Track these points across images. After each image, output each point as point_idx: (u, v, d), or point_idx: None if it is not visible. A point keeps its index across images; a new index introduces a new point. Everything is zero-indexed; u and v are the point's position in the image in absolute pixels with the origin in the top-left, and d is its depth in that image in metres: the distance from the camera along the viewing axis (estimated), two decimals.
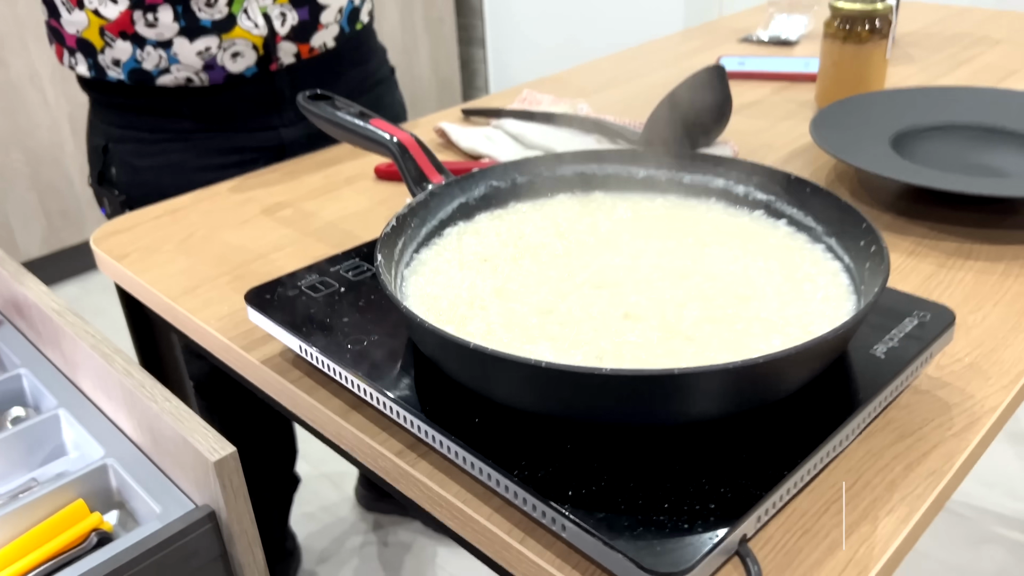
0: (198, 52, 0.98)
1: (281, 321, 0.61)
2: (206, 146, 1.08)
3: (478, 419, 0.50)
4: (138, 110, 1.06)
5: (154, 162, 1.08)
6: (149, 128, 1.07)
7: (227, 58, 1.00)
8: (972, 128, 0.91)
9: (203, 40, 0.98)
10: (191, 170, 1.07)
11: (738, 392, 0.46)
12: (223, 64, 1.00)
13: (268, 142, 1.11)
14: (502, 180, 0.70)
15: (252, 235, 0.85)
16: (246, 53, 1.01)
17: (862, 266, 0.56)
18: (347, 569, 1.62)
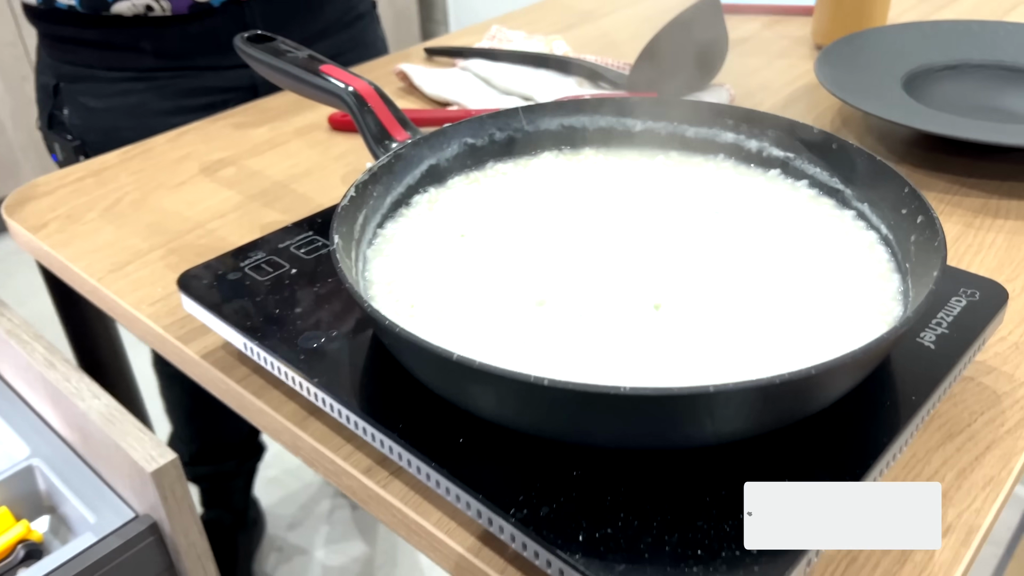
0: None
1: (221, 313, 0.51)
2: (169, 86, 0.97)
3: (463, 439, 0.41)
4: (92, 44, 0.93)
5: (111, 104, 0.96)
6: (105, 65, 0.95)
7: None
8: (989, 67, 0.83)
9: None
10: (153, 113, 0.96)
11: (782, 406, 0.38)
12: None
13: (239, 82, 0.99)
14: (478, 136, 0.60)
15: (189, 199, 0.74)
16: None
17: (905, 239, 0.48)
18: (316, 536, 1.56)
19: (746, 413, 0.37)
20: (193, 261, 0.64)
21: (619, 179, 0.58)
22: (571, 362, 0.42)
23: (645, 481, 0.39)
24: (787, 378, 0.35)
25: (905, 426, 0.41)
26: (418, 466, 0.41)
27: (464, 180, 0.59)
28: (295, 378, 0.47)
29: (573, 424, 0.39)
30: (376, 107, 0.59)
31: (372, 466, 0.47)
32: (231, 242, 0.67)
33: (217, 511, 1.38)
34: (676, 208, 0.54)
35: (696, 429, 0.38)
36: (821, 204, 0.55)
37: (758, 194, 0.56)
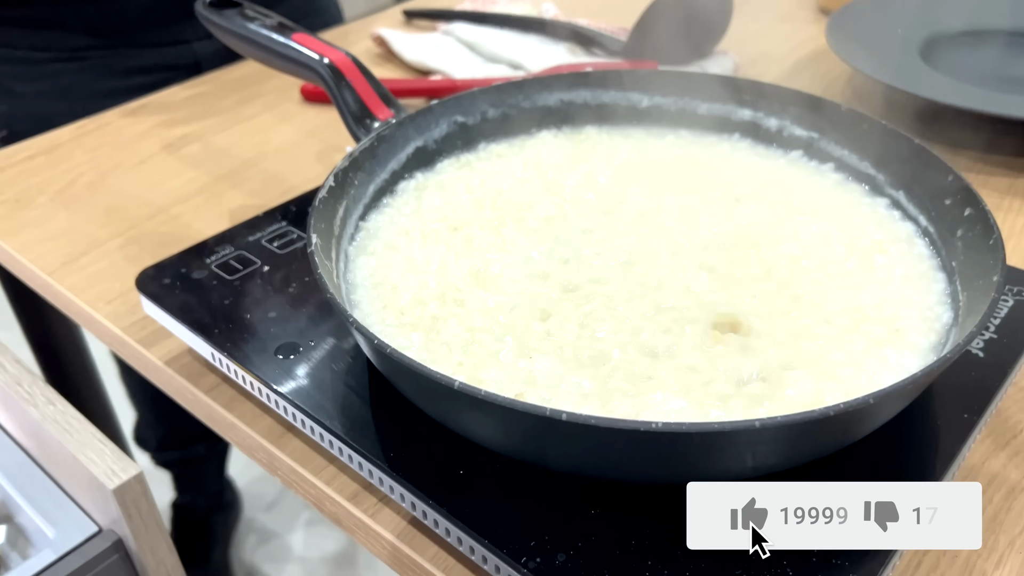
0: None
1: (184, 317, 0.46)
2: (104, 66, 0.88)
3: (463, 470, 0.36)
4: (16, 22, 0.85)
5: (40, 87, 0.87)
6: (32, 45, 0.86)
7: None
8: (1009, 33, 0.78)
9: None
10: (87, 96, 0.87)
11: (827, 438, 0.33)
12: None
13: (180, 59, 0.91)
14: (469, 115, 0.54)
15: (151, 180, 0.68)
16: None
17: (949, 233, 0.43)
18: (295, 517, 1.51)
19: (789, 446, 0.33)
20: (155, 252, 0.58)
21: (625, 162, 0.53)
22: (583, 381, 0.37)
23: (675, 519, 0.34)
24: (840, 409, 0.30)
25: (959, 451, 0.37)
26: (412, 502, 0.36)
27: (455, 164, 0.53)
28: (269, 394, 0.42)
29: (593, 459, 0.34)
30: (355, 81, 0.53)
31: (359, 491, 0.42)
32: (196, 229, 0.61)
33: (190, 495, 1.33)
34: (689, 197, 0.49)
35: (735, 463, 0.33)
36: (850, 191, 0.50)
37: (780, 179, 0.51)
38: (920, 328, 0.39)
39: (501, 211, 0.48)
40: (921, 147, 0.46)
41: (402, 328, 0.40)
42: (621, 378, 0.37)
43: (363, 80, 0.54)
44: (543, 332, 0.40)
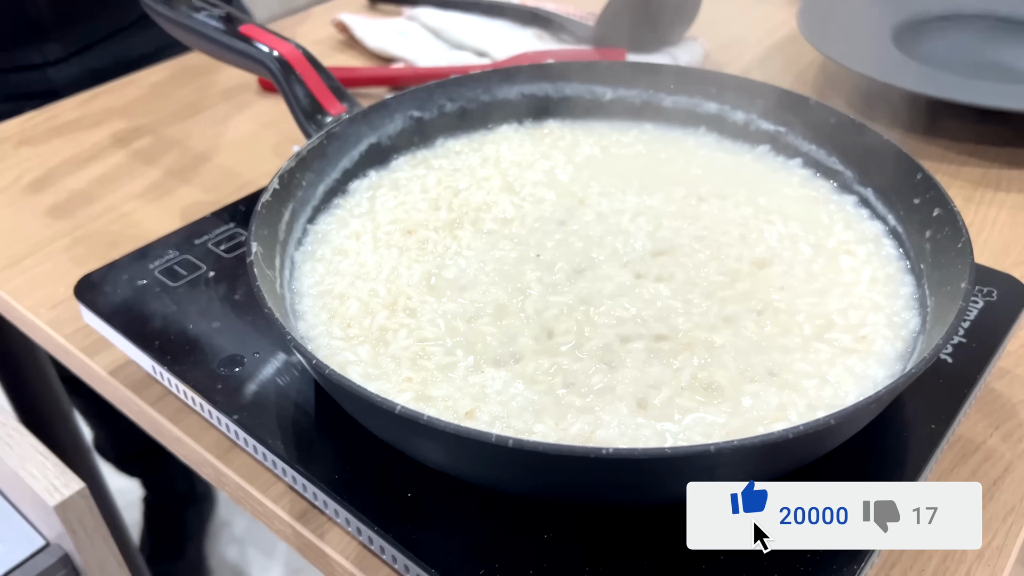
0: None
1: (124, 328, 0.43)
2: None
3: (411, 493, 0.35)
4: None
5: None
6: None
7: None
8: (984, 18, 0.76)
9: None
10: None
11: (786, 457, 0.32)
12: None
13: (32, 86, 0.80)
14: (425, 109, 0.52)
15: (100, 176, 0.65)
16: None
17: (918, 234, 0.42)
18: None
19: (746, 467, 0.31)
20: (102, 253, 0.56)
21: (587, 158, 0.51)
22: (536, 396, 0.35)
23: (630, 541, 0.33)
24: (800, 432, 0.29)
25: (926, 464, 0.36)
26: (358, 527, 0.35)
27: (410, 161, 0.51)
28: (211, 411, 0.40)
29: (544, 482, 0.32)
30: (305, 75, 0.51)
31: (308, 510, 0.40)
32: (146, 228, 0.59)
33: (159, 493, 1.31)
34: (652, 196, 0.47)
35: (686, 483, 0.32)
36: (818, 188, 0.48)
37: (746, 176, 0.49)
38: (887, 335, 0.38)
39: (458, 212, 0.46)
40: (889, 143, 0.45)
41: (349, 341, 0.38)
42: (576, 393, 0.35)
43: (314, 73, 0.51)
44: (496, 344, 0.38)
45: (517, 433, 0.33)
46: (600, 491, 0.32)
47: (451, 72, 0.70)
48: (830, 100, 0.73)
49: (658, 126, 0.53)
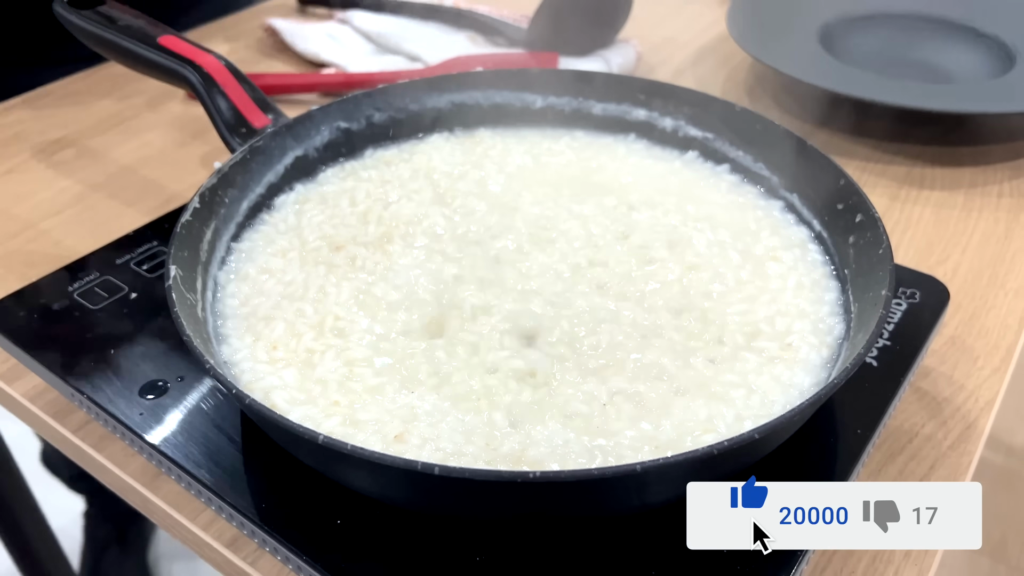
0: None
1: (41, 355, 0.42)
2: None
3: (341, 520, 0.34)
4: None
5: None
6: None
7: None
8: (908, 17, 0.78)
9: None
10: None
11: (716, 469, 0.32)
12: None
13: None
14: (353, 120, 0.51)
15: (18, 191, 0.63)
16: None
17: (842, 240, 0.42)
18: None
19: (676, 481, 0.31)
20: (21, 274, 0.54)
21: (519, 167, 0.51)
22: (465, 417, 0.35)
23: (567, 558, 0.33)
24: (725, 448, 0.29)
25: (854, 467, 0.36)
26: (286, 556, 0.34)
27: (339, 173, 0.50)
28: (133, 439, 0.39)
29: (473, 506, 0.32)
30: (227, 86, 0.50)
31: (238, 536, 0.39)
32: (68, 247, 0.57)
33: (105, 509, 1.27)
34: (583, 205, 0.47)
35: (622, 501, 0.32)
36: (745, 194, 0.48)
37: (675, 183, 0.49)
38: (812, 343, 0.38)
39: (387, 226, 0.46)
40: (813, 148, 0.45)
41: (274, 365, 0.37)
42: (506, 411, 0.35)
43: (236, 85, 0.50)
44: (426, 363, 0.37)
45: (447, 455, 0.33)
46: (530, 510, 0.32)
47: (381, 79, 0.69)
48: (760, 100, 0.74)
49: (589, 133, 0.53)
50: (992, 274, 0.54)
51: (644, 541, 0.33)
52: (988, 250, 0.56)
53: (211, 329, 0.39)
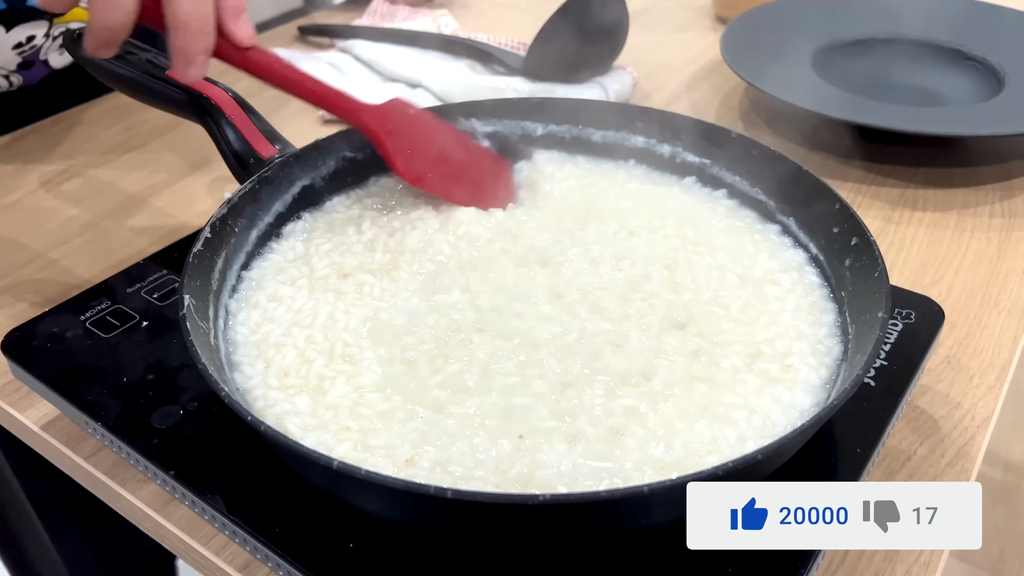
0: (16, 45, 0.70)
1: (55, 384, 0.43)
2: None
3: (354, 543, 0.35)
4: None
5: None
6: None
7: (53, 49, 0.72)
8: (897, 41, 0.80)
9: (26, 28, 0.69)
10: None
11: None
12: (47, 58, 0.73)
13: None
14: (359, 150, 0.52)
15: (25, 221, 0.64)
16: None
17: (839, 263, 0.43)
18: None
19: (682, 502, 0.32)
20: (31, 303, 0.55)
21: (523, 190, 0.52)
22: (475, 439, 0.36)
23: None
24: (729, 468, 0.30)
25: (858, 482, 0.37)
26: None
27: (345, 202, 0.51)
28: (147, 465, 0.39)
29: (489, 532, 0.33)
30: (235, 118, 0.51)
31: (251, 561, 0.40)
32: (77, 276, 0.58)
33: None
34: (585, 231, 0.48)
35: (630, 521, 0.33)
36: (743, 218, 0.50)
37: (674, 208, 0.50)
38: (811, 364, 0.39)
39: (394, 253, 0.47)
40: (808, 174, 0.47)
41: (286, 392, 0.38)
42: (515, 435, 0.36)
43: (244, 116, 0.51)
44: (436, 387, 0.38)
45: (456, 479, 0.33)
46: (541, 532, 0.33)
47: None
48: (755, 125, 0.76)
49: (590, 159, 0.54)
50: (985, 293, 0.55)
51: (651, 557, 0.34)
52: (981, 270, 0.57)
53: (223, 356, 0.40)
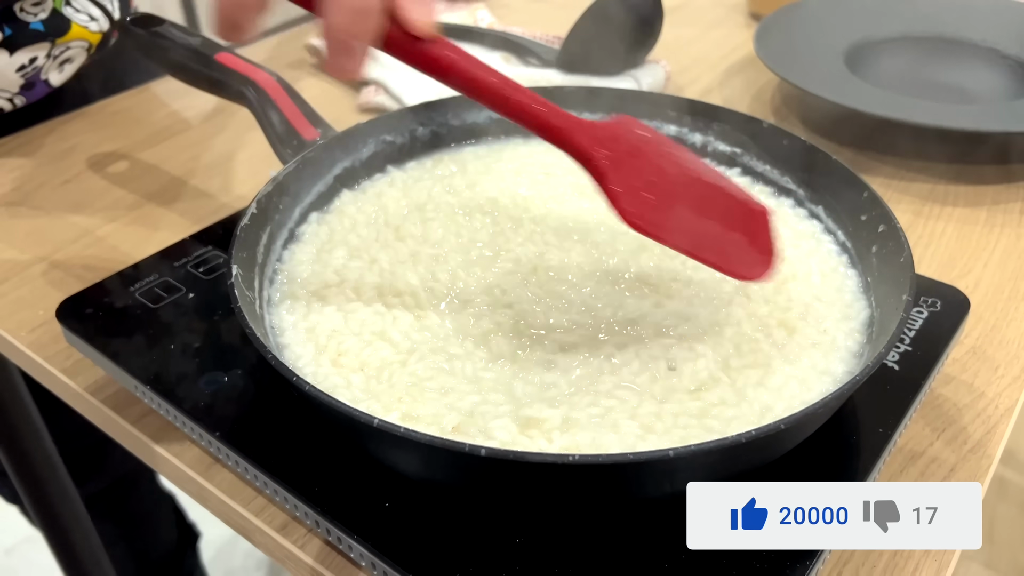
0: (19, 68, 0.73)
1: (106, 349, 0.45)
2: None
3: (389, 503, 0.36)
4: None
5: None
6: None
7: (54, 68, 0.75)
8: (931, 39, 0.80)
9: (28, 51, 0.72)
10: None
11: (741, 460, 0.34)
12: (47, 77, 0.75)
13: None
14: (397, 133, 0.54)
15: (76, 200, 0.66)
16: (77, 57, 0.76)
17: (866, 250, 0.44)
18: None
19: (703, 470, 0.33)
20: (80, 277, 0.57)
21: (551, 176, 0.53)
22: (511, 404, 0.37)
23: (599, 544, 0.35)
24: (752, 436, 0.31)
25: (874, 466, 0.38)
26: (339, 536, 0.36)
27: (383, 181, 0.53)
28: (193, 427, 0.41)
29: (518, 490, 0.34)
30: (280, 101, 0.53)
31: (288, 522, 0.41)
32: (123, 252, 0.60)
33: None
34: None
35: (652, 488, 0.34)
36: (779, 205, 0.51)
37: None
38: (837, 345, 0.40)
39: (426, 239, 0.48)
40: (838, 163, 0.47)
41: (339, 368, 0.40)
42: (560, 411, 0.37)
43: (288, 101, 0.53)
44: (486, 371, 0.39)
45: (500, 446, 0.35)
46: (561, 495, 0.34)
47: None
48: (787, 119, 0.76)
49: None
50: (1013, 287, 0.56)
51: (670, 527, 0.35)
52: (1009, 264, 0.58)
53: (267, 325, 0.41)
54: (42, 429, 0.82)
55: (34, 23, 0.71)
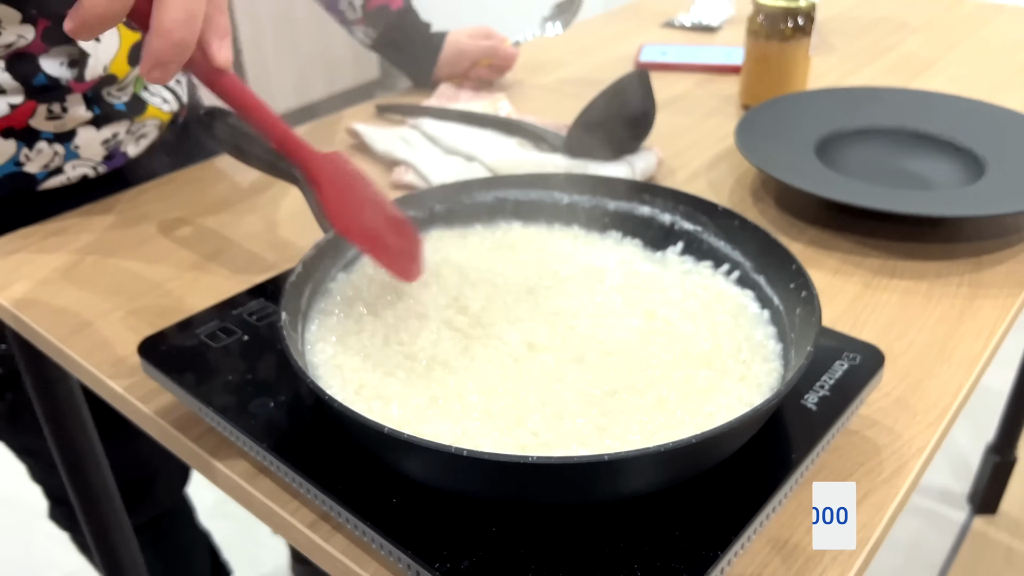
0: (104, 141, 0.87)
1: (178, 379, 0.56)
2: None
3: (395, 499, 0.46)
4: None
5: None
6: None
7: (131, 141, 0.90)
8: (896, 132, 0.91)
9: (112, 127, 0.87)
10: None
11: (675, 467, 0.44)
12: (125, 150, 0.90)
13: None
14: (419, 209, 0.66)
15: (148, 258, 0.79)
16: (151, 132, 0.92)
17: (792, 311, 0.54)
18: None
19: (637, 476, 0.43)
20: (152, 322, 0.69)
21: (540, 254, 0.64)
22: (496, 423, 0.47)
23: (552, 534, 0.44)
24: (675, 445, 0.41)
25: (783, 484, 0.47)
26: (355, 524, 0.46)
27: None
28: (247, 441, 0.52)
29: (490, 486, 0.44)
30: None
31: (316, 520, 0.51)
32: (187, 303, 0.72)
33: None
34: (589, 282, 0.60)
35: (594, 489, 0.44)
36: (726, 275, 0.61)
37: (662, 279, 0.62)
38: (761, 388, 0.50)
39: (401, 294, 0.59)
40: (775, 241, 0.58)
41: (363, 397, 0.51)
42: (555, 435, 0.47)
43: None
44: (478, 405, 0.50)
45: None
46: (525, 492, 0.44)
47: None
48: (763, 200, 0.87)
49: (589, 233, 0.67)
50: (940, 348, 0.65)
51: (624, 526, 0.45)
52: (941, 330, 0.67)
53: (306, 362, 0.52)
54: (103, 460, 0.94)
55: (118, 104, 0.85)
